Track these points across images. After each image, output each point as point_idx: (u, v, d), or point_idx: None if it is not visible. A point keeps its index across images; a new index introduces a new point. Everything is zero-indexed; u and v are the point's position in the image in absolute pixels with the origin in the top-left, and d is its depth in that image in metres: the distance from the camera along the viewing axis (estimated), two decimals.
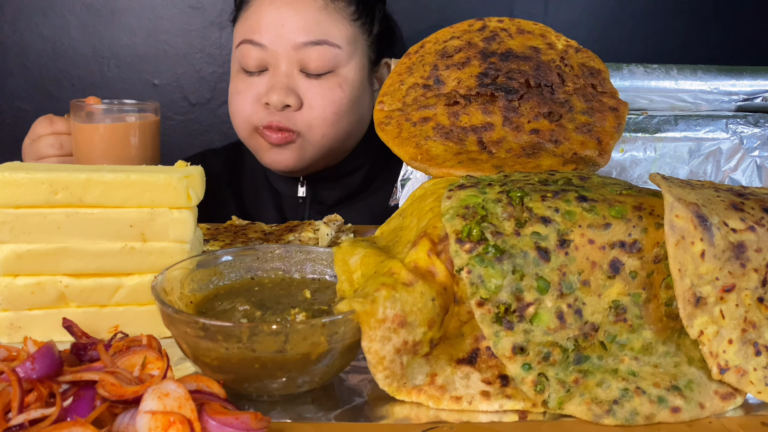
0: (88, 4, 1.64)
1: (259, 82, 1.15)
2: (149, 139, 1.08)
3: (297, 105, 1.13)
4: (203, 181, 0.71)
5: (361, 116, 1.22)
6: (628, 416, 0.56)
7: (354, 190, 1.29)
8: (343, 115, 1.16)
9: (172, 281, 0.63)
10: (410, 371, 0.58)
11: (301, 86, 1.14)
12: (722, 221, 0.58)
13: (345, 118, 1.17)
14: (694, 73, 1.00)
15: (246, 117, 1.17)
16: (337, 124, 1.16)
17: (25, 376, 0.49)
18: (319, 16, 1.13)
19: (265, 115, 1.14)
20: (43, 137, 1.10)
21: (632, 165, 0.98)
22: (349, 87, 1.16)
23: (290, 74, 1.13)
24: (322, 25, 1.13)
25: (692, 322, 0.57)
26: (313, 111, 1.14)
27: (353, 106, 1.18)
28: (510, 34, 0.86)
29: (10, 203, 0.65)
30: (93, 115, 1.05)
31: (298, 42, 1.12)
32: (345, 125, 1.18)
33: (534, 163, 0.73)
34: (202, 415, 0.49)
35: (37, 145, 1.10)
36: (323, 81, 1.14)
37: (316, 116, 1.14)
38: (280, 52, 1.13)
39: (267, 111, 1.14)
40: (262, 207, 1.31)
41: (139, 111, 1.09)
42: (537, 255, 0.58)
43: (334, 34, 1.14)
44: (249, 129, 1.18)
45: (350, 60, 1.16)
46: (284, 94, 1.12)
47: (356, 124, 1.21)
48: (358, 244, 0.66)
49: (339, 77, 1.15)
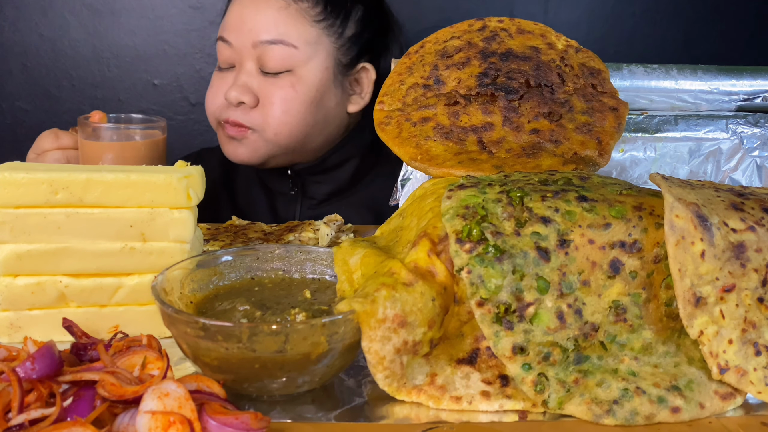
0: (88, 4, 1.64)
1: (227, 78, 1.21)
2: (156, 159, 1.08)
3: (252, 103, 1.18)
4: (203, 181, 0.71)
5: (324, 118, 1.23)
6: (628, 416, 0.56)
7: (343, 184, 1.30)
8: (294, 114, 1.18)
9: (172, 281, 0.63)
10: (410, 371, 0.58)
11: (258, 84, 1.18)
12: (722, 221, 0.58)
13: (298, 117, 1.19)
14: (694, 73, 1.00)
15: (212, 111, 1.23)
16: (290, 123, 1.19)
17: (25, 376, 0.49)
18: (279, 15, 1.17)
19: (225, 110, 1.20)
20: (49, 152, 1.11)
21: (632, 165, 0.98)
22: (305, 87, 1.18)
23: (251, 72, 1.18)
24: (280, 25, 1.17)
25: (692, 322, 0.57)
26: (265, 109, 1.18)
27: (308, 107, 1.19)
28: (510, 34, 0.86)
29: (10, 203, 0.65)
30: (101, 132, 1.06)
31: (257, 40, 1.16)
32: (299, 125, 1.19)
33: (534, 163, 0.73)
34: (202, 415, 0.49)
35: (42, 159, 1.11)
36: (278, 80, 1.17)
37: (268, 114, 1.18)
38: (242, 50, 1.18)
39: (227, 106, 1.20)
40: (255, 203, 1.34)
41: (145, 128, 1.10)
42: (537, 255, 0.58)
43: (292, 34, 1.17)
44: (215, 122, 1.24)
45: (309, 61, 1.18)
46: (240, 91, 1.17)
47: (315, 126, 1.22)
48: (358, 244, 0.66)
49: (294, 77, 1.18)
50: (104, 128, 1.06)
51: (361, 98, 1.27)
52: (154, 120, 1.12)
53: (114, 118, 1.10)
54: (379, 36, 1.30)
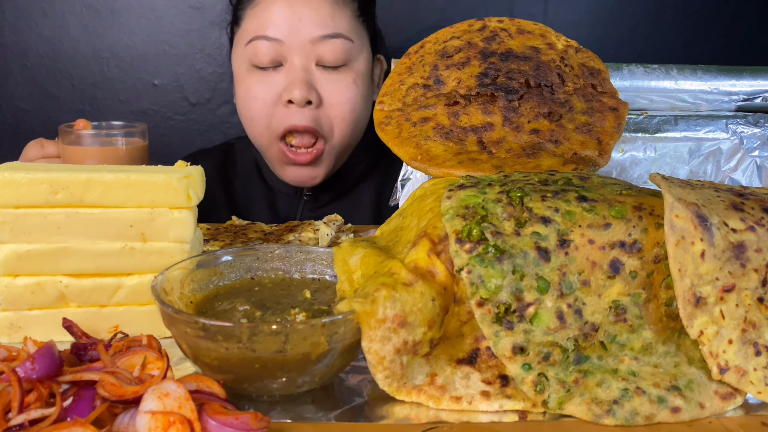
0: (88, 4, 1.64)
1: (275, 78, 1.15)
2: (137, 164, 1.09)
3: (318, 102, 1.14)
4: (203, 181, 0.71)
5: (366, 115, 1.24)
6: (628, 416, 0.56)
7: (347, 186, 1.31)
8: (359, 112, 1.19)
9: (172, 281, 0.63)
10: (410, 371, 0.58)
11: (317, 80, 1.15)
12: (722, 221, 0.58)
13: (359, 115, 1.19)
14: (694, 73, 1.00)
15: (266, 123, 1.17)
16: (354, 122, 1.19)
17: (25, 376, 0.49)
18: (333, 10, 1.16)
19: (286, 116, 1.14)
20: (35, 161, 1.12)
21: (632, 165, 0.98)
22: (362, 81, 1.19)
23: (307, 68, 1.15)
24: (336, 19, 1.16)
25: (692, 322, 0.57)
26: (333, 109, 1.15)
27: (365, 102, 1.20)
28: (510, 34, 0.86)
29: (10, 203, 0.65)
30: (81, 138, 1.07)
31: (315, 36, 1.14)
32: (360, 123, 1.21)
33: (534, 163, 0.73)
34: (202, 415, 0.49)
35: None
36: (339, 75, 1.16)
37: (336, 114, 1.16)
38: (296, 46, 1.14)
39: (288, 111, 1.14)
40: (255, 205, 1.33)
41: (126, 135, 1.10)
42: (537, 255, 0.58)
43: (346, 27, 1.17)
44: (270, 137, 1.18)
45: (360, 54, 1.19)
46: (306, 89, 1.12)
47: (364, 123, 1.23)
48: (358, 244, 0.66)
49: (353, 71, 1.17)
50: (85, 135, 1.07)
51: (377, 89, 1.28)
52: (134, 126, 1.12)
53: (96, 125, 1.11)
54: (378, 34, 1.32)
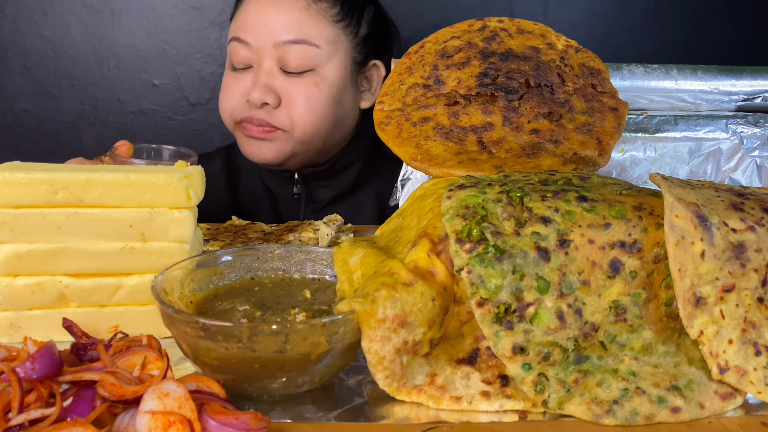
0: (88, 4, 1.64)
1: (244, 79, 1.20)
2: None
3: (275, 103, 1.18)
4: (203, 181, 0.71)
5: (342, 115, 1.25)
6: (628, 416, 0.56)
7: (347, 188, 1.32)
8: (319, 112, 1.20)
9: (172, 281, 0.63)
10: (410, 371, 0.58)
11: (280, 84, 1.18)
12: (722, 221, 0.58)
13: (322, 115, 1.20)
14: (694, 73, 1.00)
15: (229, 112, 1.23)
16: (315, 121, 1.20)
17: (25, 376, 0.49)
18: (300, 15, 1.17)
19: (245, 110, 1.20)
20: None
21: (632, 165, 0.98)
22: (327, 86, 1.20)
23: (271, 72, 1.18)
24: (303, 25, 1.17)
25: (692, 322, 0.57)
26: (291, 108, 1.18)
27: (331, 105, 1.21)
28: (510, 34, 0.86)
29: (10, 203, 0.65)
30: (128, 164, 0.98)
31: (279, 40, 1.17)
32: (323, 123, 1.21)
33: (534, 163, 0.73)
34: (202, 415, 0.49)
35: None
36: (302, 79, 1.18)
37: (293, 113, 1.19)
38: (262, 50, 1.17)
39: (249, 107, 1.20)
40: (259, 208, 1.35)
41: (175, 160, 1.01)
42: (537, 255, 0.58)
43: (314, 34, 1.18)
44: (232, 123, 1.24)
45: (330, 60, 1.20)
46: (263, 92, 1.17)
47: (336, 123, 1.24)
48: (358, 244, 0.66)
49: (317, 76, 1.19)
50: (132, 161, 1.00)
51: (371, 95, 1.29)
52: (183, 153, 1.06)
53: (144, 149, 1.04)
54: (385, 35, 1.33)
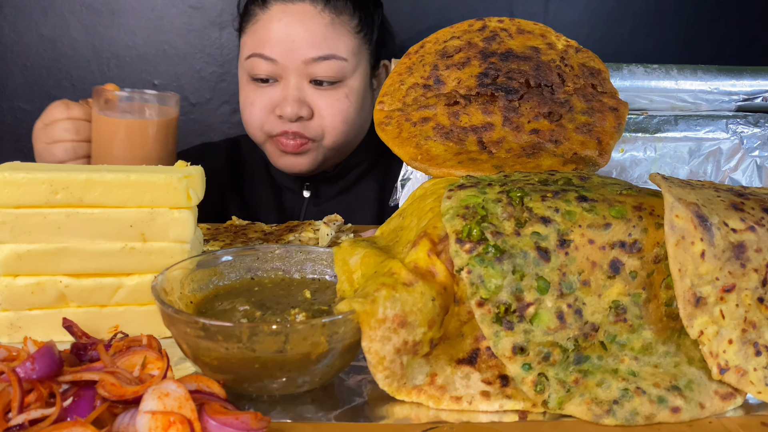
0: (88, 4, 1.64)
1: (269, 92, 1.22)
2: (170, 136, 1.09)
3: (309, 115, 1.21)
4: (203, 181, 0.71)
5: (365, 119, 1.30)
6: (628, 416, 0.56)
7: (349, 185, 1.35)
8: (351, 122, 1.24)
9: (172, 281, 0.63)
10: (410, 371, 0.58)
11: (310, 96, 1.21)
12: (722, 221, 0.58)
13: (352, 124, 1.25)
14: (694, 73, 1.00)
15: (259, 126, 1.25)
16: (347, 131, 1.25)
17: (25, 376, 0.49)
18: (326, 31, 1.19)
19: (278, 124, 1.22)
20: (60, 122, 1.11)
21: (632, 165, 0.98)
22: (355, 96, 1.24)
23: (300, 86, 1.20)
24: (330, 41, 1.20)
25: (692, 322, 0.57)
26: (324, 120, 1.22)
27: (359, 113, 1.26)
28: (510, 34, 0.86)
29: (10, 203, 0.65)
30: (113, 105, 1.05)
31: (308, 57, 1.19)
32: (352, 130, 1.26)
33: (534, 163, 0.73)
34: (202, 415, 0.49)
35: (52, 129, 1.11)
36: (332, 92, 1.21)
37: (327, 125, 1.22)
38: (290, 66, 1.19)
39: (280, 121, 1.21)
40: (262, 199, 1.37)
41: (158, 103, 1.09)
42: (537, 255, 0.58)
43: (341, 48, 1.20)
44: (264, 136, 1.26)
45: (355, 70, 1.23)
46: (297, 106, 1.19)
47: (360, 127, 1.29)
48: (358, 244, 0.66)
49: (346, 87, 1.22)
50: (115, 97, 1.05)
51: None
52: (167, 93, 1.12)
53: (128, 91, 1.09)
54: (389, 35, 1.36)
